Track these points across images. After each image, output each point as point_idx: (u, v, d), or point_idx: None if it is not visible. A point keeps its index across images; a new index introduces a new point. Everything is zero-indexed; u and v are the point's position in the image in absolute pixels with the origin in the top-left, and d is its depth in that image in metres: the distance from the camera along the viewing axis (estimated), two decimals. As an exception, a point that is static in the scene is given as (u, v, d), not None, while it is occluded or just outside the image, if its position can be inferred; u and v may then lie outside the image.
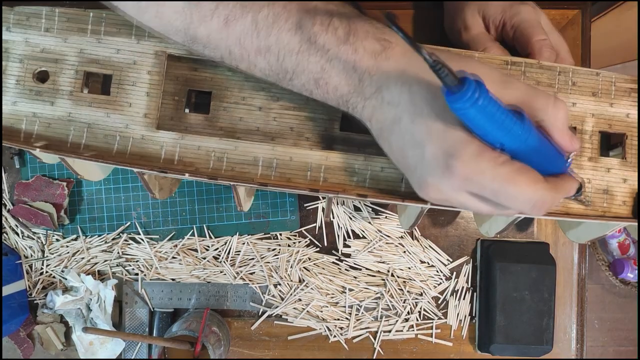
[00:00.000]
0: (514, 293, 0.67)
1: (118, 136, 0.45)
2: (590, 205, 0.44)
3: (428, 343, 0.71)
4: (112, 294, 0.68)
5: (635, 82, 0.46)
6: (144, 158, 0.45)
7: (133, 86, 0.45)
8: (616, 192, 0.45)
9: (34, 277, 0.71)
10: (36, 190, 0.69)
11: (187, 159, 0.45)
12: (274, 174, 0.44)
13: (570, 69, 0.46)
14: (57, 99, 0.45)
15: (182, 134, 0.45)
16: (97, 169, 0.60)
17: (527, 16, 0.53)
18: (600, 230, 0.50)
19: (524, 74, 0.45)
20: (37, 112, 0.45)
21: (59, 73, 0.45)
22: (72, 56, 0.45)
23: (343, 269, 0.71)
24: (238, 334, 0.71)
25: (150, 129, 0.45)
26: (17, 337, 0.69)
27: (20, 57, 0.45)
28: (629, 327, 1.65)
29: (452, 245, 0.71)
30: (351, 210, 0.71)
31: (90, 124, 0.45)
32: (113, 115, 0.45)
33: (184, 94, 0.47)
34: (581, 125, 0.45)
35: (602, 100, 0.45)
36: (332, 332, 0.70)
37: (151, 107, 0.45)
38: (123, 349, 0.70)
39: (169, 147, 0.45)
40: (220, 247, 0.70)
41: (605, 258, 1.51)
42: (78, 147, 0.45)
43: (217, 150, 0.45)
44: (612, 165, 0.45)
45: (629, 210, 0.45)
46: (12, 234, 0.71)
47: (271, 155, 0.45)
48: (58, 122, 0.45)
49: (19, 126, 0.45)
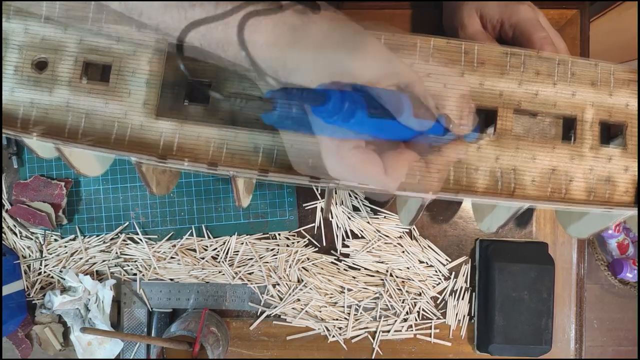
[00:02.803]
0: (513, 293, 0.67)
1: (116, 124, 0.45)
2: (475, 140, 0.44)
3: (427, 343, 0.71)
4: (110, 294, 0.68)
5: (633, 72, 0.46)
6: (143, 146, 0.44)
7: (132, 75, 0.45)
8: (618, 181, 0.45)
9: (32, 277, 0.70)
10: (34, 191, 0.69)
11: (186, 147, 0.44)
12: (275, 163, 0.44)
13: (569, 59, 0.46)
14: (55, 87, 0.45)
15: (181, 123, 0.45)
16: (95, 163, 0.60)
17: (526, 15, 0.53)
18: (602, 223, 0.50)
19: (523, 64, 0.46)
20: (35, 100, 0.45)
21: (58, 62, 0.45)
22: (71, 45, 0.45)
23: (342, 269, 0.71)
24: (237, 334, 0.71)
25: (149, 117, 0.45)
26: (15, 337, 0.69)
27: (20, 45, 0.45)
28: (628, 327, 1.65)
29: (450, 245, 0.71)
30: (350, 210, 0.71)
31: (88, 112, 0.45)
32: (112, 103, 0.45)
33: (184, 84, 0.46)
34: (581, 115, 0.46)
35: (602, 91, 0.46)
36: (331, 332, 0.70)
37: (151, 96, 0.45)
38: (121, 349, 0.70)
39: (168, 136, 0.44)
40: (218, 247, 0.70)
41: (604, 258, 1.51)
42: (76, 134, 0.45)
43: (217, 138, 0.44)
44: (613, 154, 0.45)
45: (632, 199, 0.45)
46: (11, 234, 0.71)
47: (272, 143, 0.44)
48: (56, 110, 0.45)
49: (16, 114, 0.45)
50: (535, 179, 0.44)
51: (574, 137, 0.45)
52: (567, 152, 0.45)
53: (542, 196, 0.44)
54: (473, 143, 0.45)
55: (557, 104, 0.45)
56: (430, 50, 0.45)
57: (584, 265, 0.71)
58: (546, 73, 0.46)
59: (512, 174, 0.44)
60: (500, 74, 0.45)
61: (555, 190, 0.44)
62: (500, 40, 0.56)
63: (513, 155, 0.45)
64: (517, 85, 0.45)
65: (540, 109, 0.45)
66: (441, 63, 0.45)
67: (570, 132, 0.46)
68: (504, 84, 0.45)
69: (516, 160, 0.45)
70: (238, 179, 0.50)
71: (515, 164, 0.45)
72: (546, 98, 0.45)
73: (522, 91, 0.45)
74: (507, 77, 0.45)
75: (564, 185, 0.44)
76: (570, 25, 0.69)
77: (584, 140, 0.45)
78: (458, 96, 0.42)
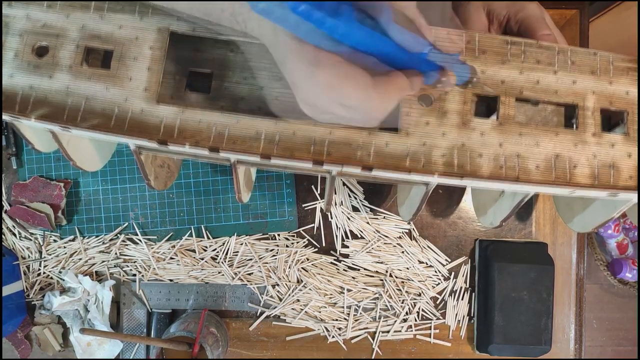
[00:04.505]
0: (513, 293, 0.67)
1: (117, 109, 0.44)
2: (477, 82, 0.44)
3: (426, 343, 0.71)
4: (109, 295, 0.68)
5: (633, 60, 0.47)
6: (143, 131, 0.44)
7: (134, 61, 0.45)
8: (622, 167, 0.45)
9: (31, 278, 0.70)
10: (33, 191, 0.69)
11: (187, 132, 0.44)
12: (277, 148, 0.44)
13: (568, 48, 0.46)
14: (55, 72, 0.45)
15: (182, 108, 0.44)
16: (93, 155, 0.60)
17: (532, 12, 0.54)
18: (606, 214, 0.51)
19: (523, 53, 0.46)
20: (35, 84, 0.45)
21: (59, 47, 0.45)
22: (73, 31, 0.45)
23: (341, 270, 0.71)
24: (236, 335, 0.71)
25: (150, 102, 0.44)
26: (14, 338, 0.69)
27: (21, 31, 0.45)
28: (628, 326, 1.65)
29: (450, 245, 0.71)
30: (349, 210, 0.71)
31: (88, 96, 0.45)
32: (112, 88, 0.45)
33: (185, 73, 0.46)
34: (583, 102, 0.46)
35: (602, 79, 0.46)
36: (331, 333, 0.70)
37: (152, 82, 0.45)
38: (121, 350, 0.70)
39: (169, 120, 0.44)
40: (218, 247, 0.70)
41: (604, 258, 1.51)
42: (75, 118, 0.44)
43: (219, 124, 0.44)
44: (615, 140, 0.46)
45: (636, 184, 0.45)
46: (10, 234, 0.70)
47: (274, 129, 0.44)
48: (55, 95, 0.45)
49: (14, 97, 0.45)
50: (540, 164, 0.45)
51: (576, 124, 0.46)
52: (570, 139, 0.45)
53: (546, 181, 0.44)
54: (462, 86, 0.44)
55: (559, 91, 0.46)
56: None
57: (583, 266, 0.71)
58: (547, 62, 0.46)
59: (516, 159, 0.44)
60: (502, 62, 0.46)
61: (560, 175, 0.44)
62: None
63: (516, 141, 0.45)
64: (519, 73, 0.46)
65: (541, 96, 0.46)
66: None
67: (572, 120, 0.47)
68: (506, 72, 0.46)
69: (520, 147, 0.45)
70: (239, 168, 0.50)
71: (519, 150, 0.45)
72: (547, 86, 0.46)
73: (524, 79, 0.46)
74: (509, 66, 0.46)
75: (568, 171, 0.45)
76: (570, 25, 0.69)
77: (586, 127, 0.46)
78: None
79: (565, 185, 0.44)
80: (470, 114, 0.45)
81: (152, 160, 0.55)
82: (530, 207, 0.72)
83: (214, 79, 0.46)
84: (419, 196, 0.51)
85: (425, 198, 0.49)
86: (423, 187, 0.48)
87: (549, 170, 0.44)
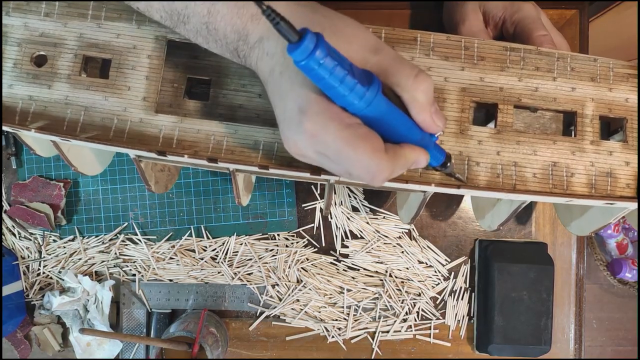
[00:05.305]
0: (512, 293, 0.67)
1: (116, 119, 0.45)
2: (465, 181, 0.44)
3: (426, 343, 0.71)
4: (109, 295, 0.68)
5: (633, 67, 0.47)
6: (142, 141, 0.44)
7: (132, 70, 0.45)
8: (619, 175, 0.45)
9: (31, 278, 0.70)
10: (33, 191, 0.69)
11: (186, 142, 0.44)
12: (275, 158, 0.44)
13: (568, 54, 0.46)
14: (54, 82, 0.45)
15: (181, 118, 0.45)
16: (93, 161, 0.60)
17: (528, 13, 0.54)
18: (603, 219, 0.50)
19: (523, 59, 0.46)
20: (34, 95, 0.45)
21: (58, 57, 0.45)
22: (71, 40, 0.45)
23: (341, 270, 0.70)
24: (236, 335, 0.71)
25: (149, 112, 0.45)
26: (14, 338, 0.69)
27: (19, 40, 0.45)
28: (627, 326, 1.65)
29: (450, 245, 0.71)
30: (349, 210, 0.71)
31: (87, 107, 0.45)
32: (111, 98, 0.45)
33: (183, 81, 0.46)
34: (581, 110, 0.46)
35: (601, 85, 0.46)
36: (330, 333, 0.70)
37: (150, 91, 0.45)
38: (120, 350, 0.70)
39: (167, 130, 0.44)
40: (218, 247, 0.70)
41: (604, 258, 1.51)
42: (75, 129, 0.45)
43: (217, 133, 0.44)
44: (614, 148, 0.45)
45: (634, 193, 0.45)
46: (9, 234, 0.70)
47: (272, 139, 0.44)
48: (55, 105, 0.45)
49: (14, 108, 0.45)
50: (537, 173, 0.44)
51: (575, 131, 0.46)
52: (568, 146, 0.45)
53: (543, 190, 0.44)
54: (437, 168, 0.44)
55: (557, 98, 0.46)
56: (431, 45, 0.45)
57: (583, 266, 0.71)
58: (546, 68, 0.46)
59: (513, 168, 0.44)
60: (501, 69, 0.46)
61: (557, 184, 0.44)
62: (500, 37, 0.57)
63: (514, 149, 0.45)
64: (517, 80, 0.45)
65: (540, 103, 0.45)
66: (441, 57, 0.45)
67: (571, 127, 0.46)
68: (504, 79, 0.45)
69: (517, 155, 0.45)
70: (238, 175, 0.50)
71: (516, 158, 0.45)
72: (546, 93, 0.46)
73: (522, 86, 0.45)
74: (507, 73, 0.46)
75: (565, 179, 0.44)
76: (570, 25, 0.69)
77: (584, 134, 0.46)
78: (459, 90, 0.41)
79: (561, 195, 0.44)
80: (468, 122, 0.45)
81: (152, 166, 0.55)
82: (530, 208, 0.72)
83: (212, 86, 0.46)
84: (417, 202, 0.51)
85: (423, 204, 0.49)
86: (421, 194, 0.48)
87: (546, 179, 0.44)
